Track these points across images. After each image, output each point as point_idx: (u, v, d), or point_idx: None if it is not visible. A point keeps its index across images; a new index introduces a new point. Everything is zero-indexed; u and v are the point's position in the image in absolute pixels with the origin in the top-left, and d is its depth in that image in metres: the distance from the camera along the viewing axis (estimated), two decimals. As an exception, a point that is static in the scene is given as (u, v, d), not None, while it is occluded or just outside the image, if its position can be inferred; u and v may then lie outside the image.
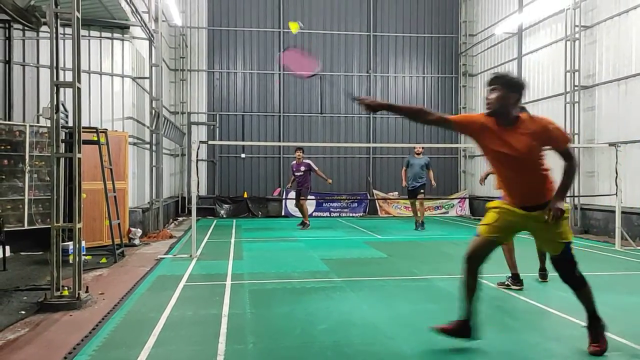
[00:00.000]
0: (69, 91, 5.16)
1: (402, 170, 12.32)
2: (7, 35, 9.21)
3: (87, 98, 9.75)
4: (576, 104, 11.71)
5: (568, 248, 3.49)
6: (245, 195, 16.41)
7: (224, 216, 15.85)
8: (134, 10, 9.61)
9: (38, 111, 9.27)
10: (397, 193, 16.60)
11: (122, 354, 3.63)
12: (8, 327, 4.28)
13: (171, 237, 10.50)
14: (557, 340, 3.89)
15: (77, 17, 5.08)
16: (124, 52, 10.48)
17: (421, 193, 11.97)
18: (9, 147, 7.82)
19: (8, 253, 7.54)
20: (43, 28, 8.02)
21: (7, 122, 8.25)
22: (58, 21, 5.10)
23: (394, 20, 17.34)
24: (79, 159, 5.09)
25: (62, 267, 5.05)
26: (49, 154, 6.72)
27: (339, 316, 4.57)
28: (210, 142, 15.18)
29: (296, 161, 12.57)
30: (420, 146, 12.31)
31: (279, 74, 16.84)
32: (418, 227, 11.99)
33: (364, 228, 12.54)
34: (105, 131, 8.05)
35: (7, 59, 9.24)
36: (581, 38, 11.79)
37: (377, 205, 16.72)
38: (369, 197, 16.85)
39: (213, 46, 16.72)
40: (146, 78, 11.44)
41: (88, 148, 7.33)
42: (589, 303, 3.61)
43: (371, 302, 5.09)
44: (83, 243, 6.38)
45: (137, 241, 9.26)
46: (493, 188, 5.82)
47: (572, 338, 3.97)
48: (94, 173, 8.02)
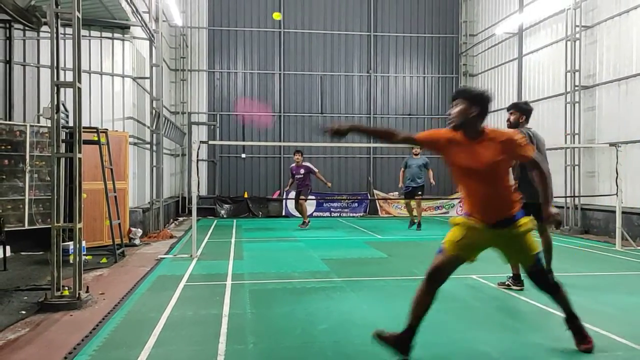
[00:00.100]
0: (70, 91, 5.17)
1: (401, 171, 12.33)
2: (8, 35, 9.21)
3: (88, 98, 9.75)
4: (576, 104, 11.71)
5: (539, 257, 3.53)
6: (245, 195, 16.41)
7: (225, 216, 15.85)
8: (135, 10, 9.61)
9: (38, 111, 9.27)
10: (398, 193, 16.58)
11: (123, 354, 3.63)
12: (8, 327, 4.29)
13: (171, 237, 10.51)
14: (558, 340, 3.89)
15: (78, 17, 5.08)
16: (125, 52, 10.48)
17: (419, 195, 11.94)
18: (10, 147, 7.82)
19: (8, 253, 7.55)
20: (43, 28, 8.03)
21: (8, 122, 8.25)
22: (58, 21, 5.11)
23: (395, 20, 17.34)
24: (80, 159, 5.10)
25: (63, 267, 5.06)
26: (50, 154, 6.72)
27: (339, 316, 4.57)
28: (210, 142, 15.18)
29: (295, 164, 12.50)
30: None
31: (280, 74, 16.85)
32: (411, 226, 12.03)
33: (365, 228, 12.54)
34: (105, 131, 8.06)
35: (8, 59, 9.24)
36: (582, 38, 11.78)
37: (378, 205, 16.72)
38: (370, 197, 16.84)
39: (213, 46, 16.73)
40: (147, 78, 11.45)
41: (88, 148, 7.34)
42: (566, 304, 3.66)
43: (371, 302, 5.09)
44: (83, 243, 6.37)
45: (138, 241, 9.27)
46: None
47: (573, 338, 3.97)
48: (95, 173, 8.02)
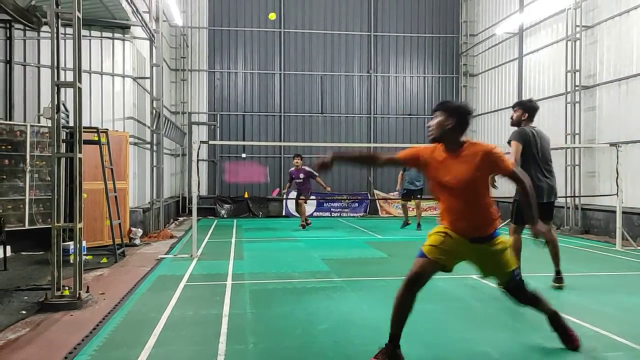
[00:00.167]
0: (70, 91, 5.17)
1: (400, 174, 12.31)
2: (8, 35, 9.21)
3: (88, 98, 9.76)
4: (577, 104, 11.71)
5: (515, 274, 3.48)
6: (245, 195, 16.41)
7: (225, 216, 15.86)
8: (135, 10, 9.61)
9: (39, 111, 9.28)
10: (398, 193, 16.59)
11: (123, 354, 3.63)
12: (9, 327, 4.29)
13: (172, 237, 10.51)
14: (559, 340, 3.89)
15: (78, 17, 5.09)
16: (125, 52, 10.49)
17: (418, 197, 12.00)
18: (10, 147, 7.83)
19: (9, 253, 7.56)
20: (44, 28, 8.05)
21: (8, 122, 8.26)
22: (59, 21, 5.11)
23: (395, 20, 17.34)
24: (80, 159, 5.10)
25: (63, 267, 5.07)
26: (50, 154, 6.72)
27: (340, 316, 4.57)
28: (211, 142, 15.19)
29: (295, 168, 12.40)
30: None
31: (280, 74, 16.85)
32: (404, 227, 12.11)
33: (365, 228, 12.54)
34: (106, 131, 8.06)
35: (8, 59, 9.24)
36: (582, 38, 11.78)
37: (378, 205, 16.72)
38: (370, 197, 16.84)
39: (214, 46, 16.73)
40: (147, 78, 11.45)
41: (89, 148, 7.34)
42: (548, 308, 3.66)
43: (372, 302, 5.09)
44: (84, 243, 6.37)
45: (138, 241, 9.27)
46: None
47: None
48: (95, 173, 8.02)
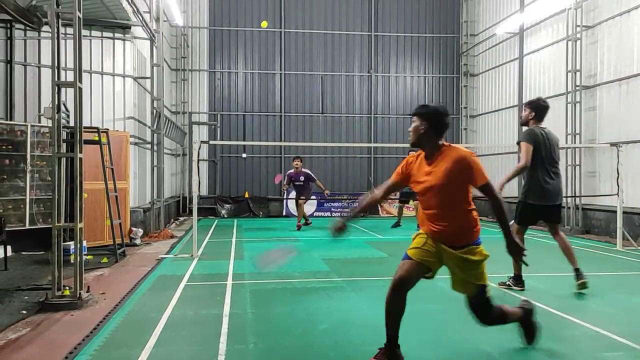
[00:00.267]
0: (71, 91, 5.18)
1: None
2: (9, 35, 9.22)
3: (89, 98, 9.77)
4: (577, 104, 11.71)
5: (482, 291, 3.31)
6: (246, 195, 16.41)
7: (225, 216, 15.86)
8: (136, 10, 9.61)
9: (39, 111, 9.28)
10: (398, 193, 16.58)
11: (123, 354, 3.63)
12: (9, 327, 4.29)
13: (172, 237, 10.51)
14: (560, 340, 3.89)
15: (79, 17, 5.09)
16: (125, 52, 10.49)
17: (417, 199, 11.97)
18: (11, 147, 7.83)
19: (9, 253, 7.57)
20: (44, 28, 8.04)
21: (9, 122, 8.26)
22: (59, 21, 5.11)
23: (395, 20, 17.33)
24: (80, 159, 5.10)
25: (64, 267, 5.07)
26: (50, 154, 6.72)
27: (340, 316, 4.57)
28: (211, 142, 15.19)
29: (294, 170, 12.26)
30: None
31: (280, 74, 16.85)
32: (394, 227, 12.39)
33: (365, 228, 12.54)
34: (106, 131, 8.06)
35: (9, 59, 9.25)
36: (582, 38, 11.77)
37: (378, 205, 16.71)
38: (370, 197, 16.81)
39: (214, 46, 16.73)
40: (147, 78, 11.45)
41: (89, 148, 7.34)
42: (519, 316, 3.61)
43: (372, 302, 5.08)
44: (84, 243, 6.38)
45: (138, 241, 9.28)
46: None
47: (574, 338, 3.98)
48: (95, 173, 8.03)
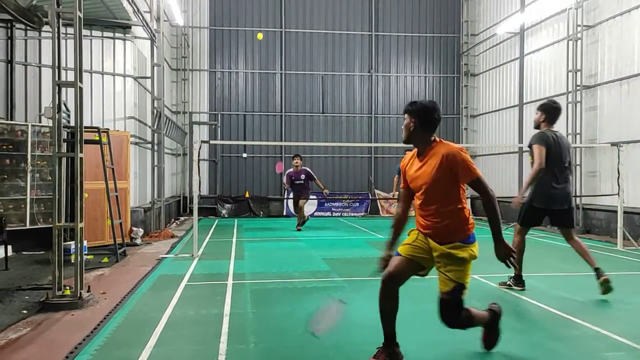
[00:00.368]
0: (71, 91, 5.18)
1: (395, 177, 12.20)
2: (9, 35, 9.22)
3: (89, 98, 9.77)
4: (578, 104, 11.70)
5: (458, 290, 3.20)
6: (246, 194, 16.42)
7: (226, 216, 15.86)
8: (136, 10, 9.61)
9: (40, 111, 9.28)
10: (398, 193, 16.59)
11: (124, 354, 3.63)
12: (10, 327, 4.29)
13: (173, 237, 10.52)
14: (560, 340, 3.89)
15: (79, 17, 5.09)
16: (126, 52, 10.49)
17: None
18: (11, 147, 7.84)
19: (10, 252, 7.57)
20: (45, 28, 8.05)
21: (9, 122, 8.26)
22: (60, 21, 5.11)
23: (396, 19, 17.33)
24: (81, 159, 5.11)
25: (64, 267, 5.07)
26: (51, 154, 6.72)
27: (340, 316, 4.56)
28: (211, 142, 15.16)
29: (294, 169, 12.10)
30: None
31: (281, 74, 16.85)
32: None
33: (366, 228, 12.54)
34: (107, 131, 8.06)
35: (9, 59, 9.25)
36: (583, 38, 11.77)
37: (379, 205, 16.71)
38: (371, 197, 16.84)
39: (215, 46, 16.73)
40: (148, 78, 11.46)
41: (90, 148, 7.35)
42: (485, 320, 3.55)
43: (372, 302, 5.05)
44: (85, 242, 6.38)
45: (139, 241, 9.28)
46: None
47: (575, 338, 3.98)
48: (96, 173, 8.03)
